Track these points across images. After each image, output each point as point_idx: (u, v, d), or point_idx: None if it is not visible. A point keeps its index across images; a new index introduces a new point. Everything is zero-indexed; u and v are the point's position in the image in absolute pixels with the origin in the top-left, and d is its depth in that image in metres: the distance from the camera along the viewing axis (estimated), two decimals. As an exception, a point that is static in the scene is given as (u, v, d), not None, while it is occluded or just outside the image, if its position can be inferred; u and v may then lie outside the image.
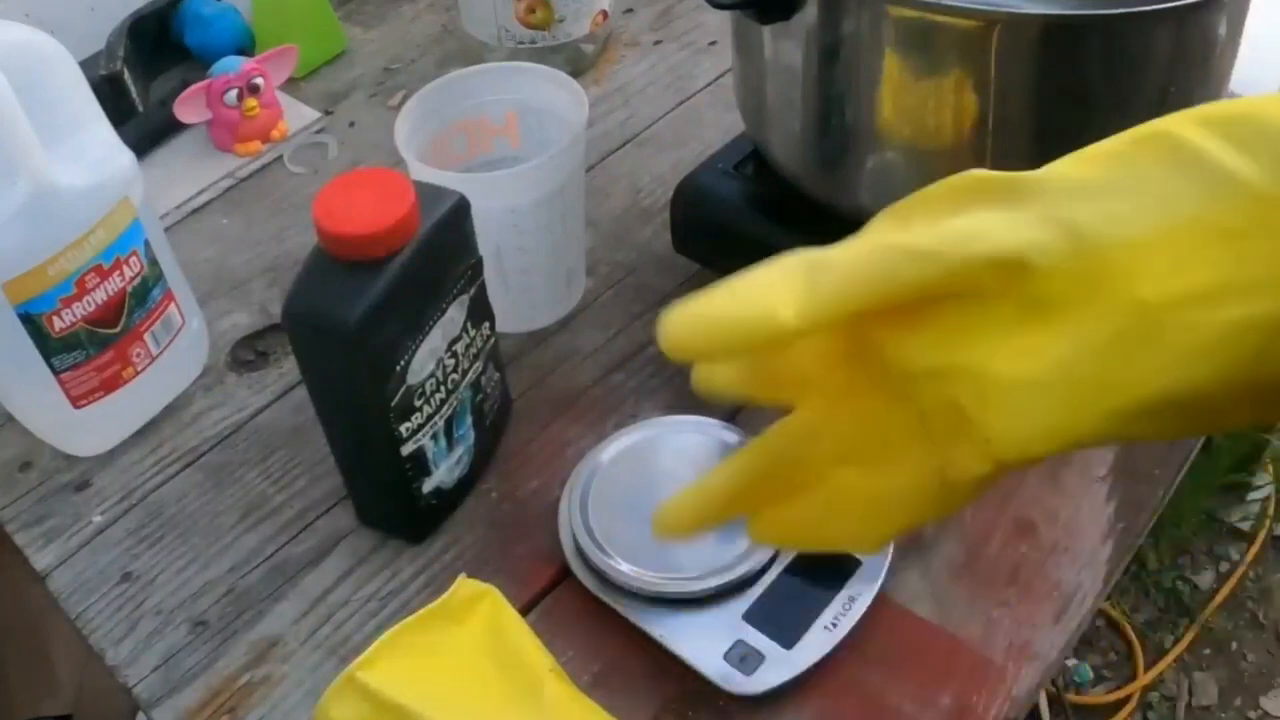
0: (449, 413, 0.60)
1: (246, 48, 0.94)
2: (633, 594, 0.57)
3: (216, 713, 0.57)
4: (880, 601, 0.58)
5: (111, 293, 0.63)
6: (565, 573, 0.60)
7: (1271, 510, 1.60)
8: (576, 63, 0.94)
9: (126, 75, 0.88)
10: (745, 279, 0.32)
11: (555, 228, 0.69)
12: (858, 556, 0.58)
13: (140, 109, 0.88)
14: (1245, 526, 1.60)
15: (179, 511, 0.66)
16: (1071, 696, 1.44)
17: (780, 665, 0.55)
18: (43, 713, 1.09)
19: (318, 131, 0.91)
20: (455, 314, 0.58)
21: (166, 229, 0.72)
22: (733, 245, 0.71)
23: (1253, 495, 1.61)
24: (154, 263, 0.66)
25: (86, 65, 0.71)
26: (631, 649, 0.57)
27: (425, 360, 0.57)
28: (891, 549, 0.59)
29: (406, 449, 0.58)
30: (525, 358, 0.72)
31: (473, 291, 0.60)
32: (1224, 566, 1.59)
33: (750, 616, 0.56)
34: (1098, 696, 1.46)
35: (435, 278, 0.57)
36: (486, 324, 0.62)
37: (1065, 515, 0.62)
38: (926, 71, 0.56)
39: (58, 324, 0.61)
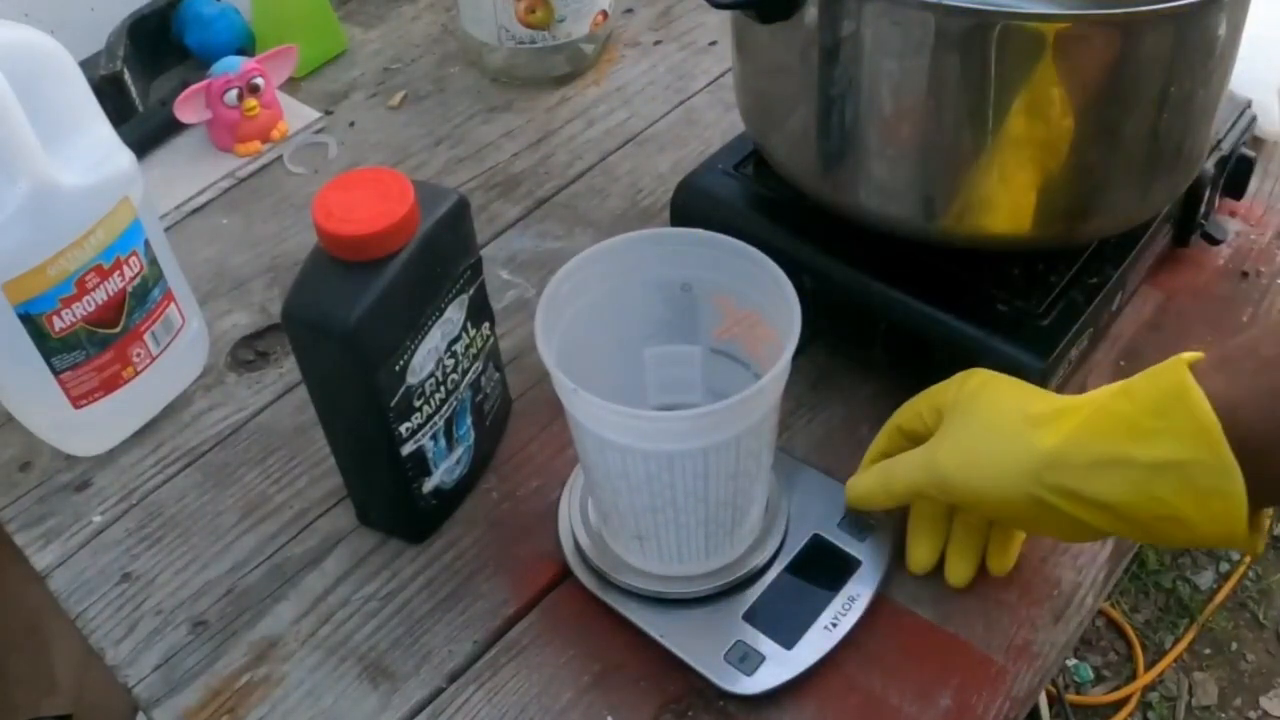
0: (449, 413, 0.60)
1: (246, 48, 0.94)
2: (633, 594, 0.58)
3: (216, 713, 0.57)
4: (880, 601, 0.58)
5: (111, 293, 0.63)
6: (565, 573, 0.60)
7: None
8: (576, 63, 0.94)
9: (126, 75, 0.88)
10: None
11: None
12: (858, 557, 0.58)
13: (140, 109, 0.88)
14: (1245, 526, 1.60)
15: (179, 511, 0.66)
16: (1071, 696, 1.44)
17: (780, 665, 0.55)
18: (43, 713, 1.09)
19: (318, 131, 0.91)
20: (454, 314, 0.58)
21: (166, 229, 0.72)
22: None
23: (1253, 495, 1.61)
24: (154, 263, 0.66)
25: (86, 65, 0.71)
26: (631, 649, 0.57)
27: (425, 360, 0.57)
28: (892, 549, 0.59)
29: (406, 449, 0.58)
30: (525, 358, 0.72)
31: (472, 292, 0.60)
32: (1224, 566, 1.59)
33: (750, 616, 0.56)
34: (1098, 696, 1.46)
35: (434, 278, 0.57)
36: (486, 324, 0.62)
37: (1065, 515, 0.62)
38: (927, 72, 0.56)
39: (58, 324, 0.61)
